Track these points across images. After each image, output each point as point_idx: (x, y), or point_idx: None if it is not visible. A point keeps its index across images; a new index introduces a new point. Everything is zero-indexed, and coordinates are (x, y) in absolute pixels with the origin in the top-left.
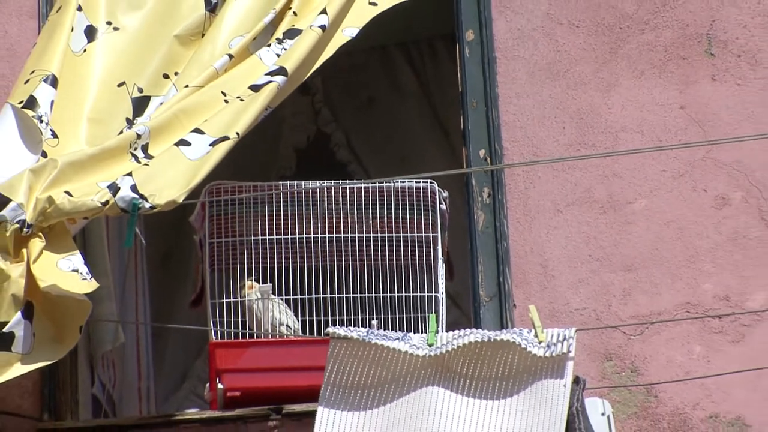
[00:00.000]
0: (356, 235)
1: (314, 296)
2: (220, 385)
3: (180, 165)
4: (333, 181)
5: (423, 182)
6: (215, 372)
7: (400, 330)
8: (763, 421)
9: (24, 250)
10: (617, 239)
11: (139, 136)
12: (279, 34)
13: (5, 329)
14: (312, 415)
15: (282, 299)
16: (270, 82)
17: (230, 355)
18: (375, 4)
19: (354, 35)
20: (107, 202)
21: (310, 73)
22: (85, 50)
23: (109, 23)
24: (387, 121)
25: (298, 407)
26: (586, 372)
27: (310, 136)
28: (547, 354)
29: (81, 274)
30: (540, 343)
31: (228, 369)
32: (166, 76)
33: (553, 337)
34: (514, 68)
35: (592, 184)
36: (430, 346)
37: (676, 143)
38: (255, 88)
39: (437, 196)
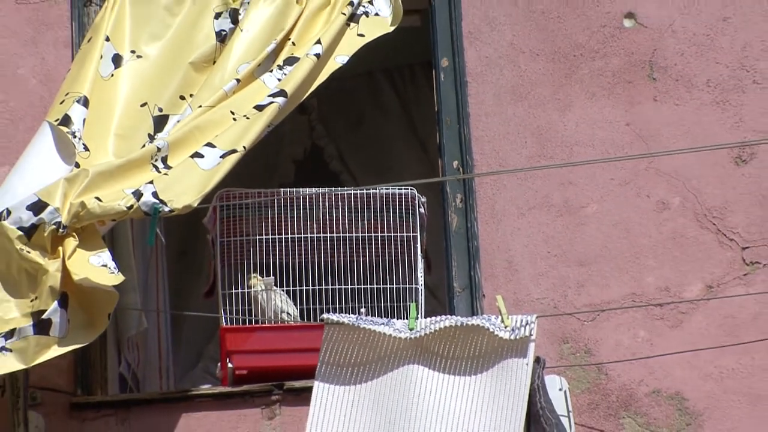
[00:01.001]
0: (346, 234)
1: (311, 288)
2: (229, 365)
3: (195, 174)
4: (326, 188)
5: (404, 189)
6: (225, 353)
7: (385, 317)
8: (698, 396)
9: (60, 248)
10: (572, 238)
11: (159, 150)
12: (280, 61)
13: (44, 316)
14: (309, 390)
15: (283, 290)
16: (272, 102)
17: (238, 339)
18: (362, 35)
19: (344, 62)
20: (132, 206)
21: (306, 94)
22: (112, 75)
23: (133, 52)
24: (373, 137)
25: (298, 383)
26: (546, 353)
27: (307, 149)
28: (512, 337)
29: (109, 268)
30: (506, 327)
31: (236, 350)
32: (182, 98)
33: (517, 322)
34: (483, 91)
35: (550, 191)
36: (410, 330)
37: (623, 155)
38: (259, 107)
39: (417, 201)
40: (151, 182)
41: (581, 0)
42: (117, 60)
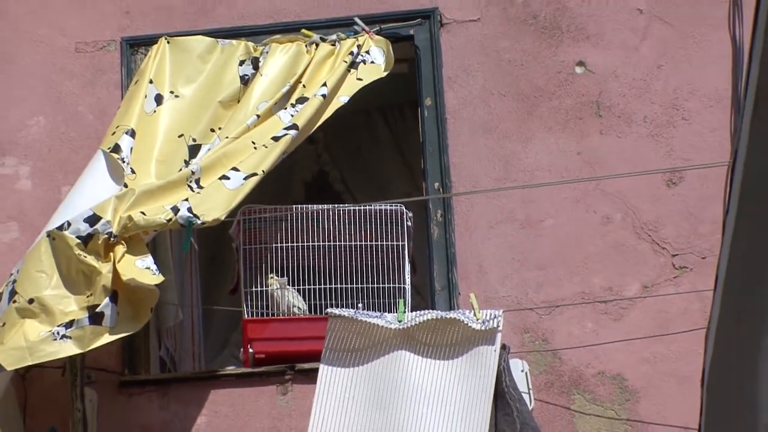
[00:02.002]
0: (347, 243)
1: (318, 287)
2: (250, 350)
3: (222, 193)
4: (330, 205)
5: (395, 206)
6: (247, 340)
7: (378, 311)
8: (636, 377)
9: (111, 253)
10: (532, 247)
11: (193, 173)
12: (292, 100)
13: (97, 310)
14: (316, 371)
15: (295, 289)
16: (286, 134)
17: (258, 328)
18: (361, 79)
19: (346, 101)
20: (170, 219)
21: (314, 128)
22: (155, 111)
23: (172, 92)
24: (369, 163)
25: (307, 365)
26: (510, 341)
27: (314, 173)
28: (482, 328)
29: (151, 270)
30: (477, 320)
31: (256, 338)
32: (212, 130)
33: (487, 315)
34: (459, 126)
35: (514, 208)
36: (399, 322)
37: (574, 178)
38: (275, 138)
39: (404, 216)
40: (187, 200)
41: (540, 51)
42: (159, 99)
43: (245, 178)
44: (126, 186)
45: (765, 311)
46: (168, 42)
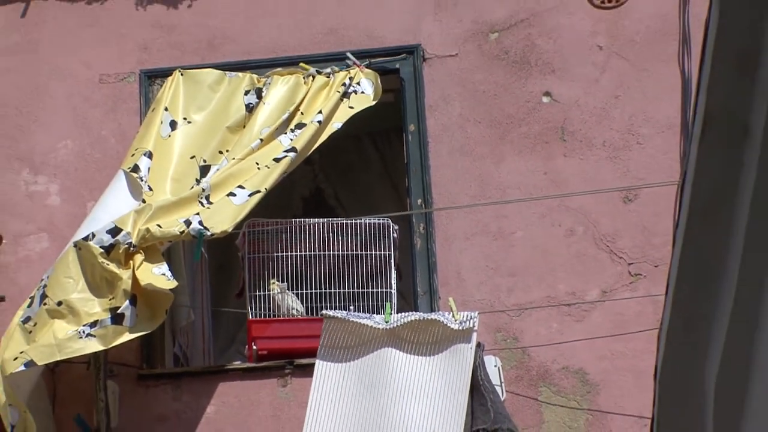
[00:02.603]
0: (340, 252)
1: (314, 291)
2: (254, 347)
3: (229, 208)
4: (325, 219)
5: (382, 220)
6: (251, 338)
7: (368, 312)
8: (596, 371)
9: (131, 261)
10: (504, 257)
11: (203, 190)
12: (292, 126)
13: (119, 311)
14: (312, 365)
15: (294, 293)
16: (286, 156)
17: (261, 328)
18: (352, 108)
19: (339, 127)
20: (183, 231)
21: (311, 150)
22: (169, 135)
23: (185, 119)
24: (360, 182)
25: (304, 361)
26: (484, 339)
27: (311, 191)
28: (460, 328)
29: (166, 276)
30: (455, 321)
31: (259, 336)
32: (220, 152)
33: (464, 317)
34: (440, 149)
35: (488, 222)
36: (386, 322)
37: (541, 195)
38: (277, 160)
39: (391, 229)
40: (198, 214)
41: (511, 82)
42: (173, 124)
43: (250, 195)
44: (144, 202)
45: (711, 313)
46: (181, 74)
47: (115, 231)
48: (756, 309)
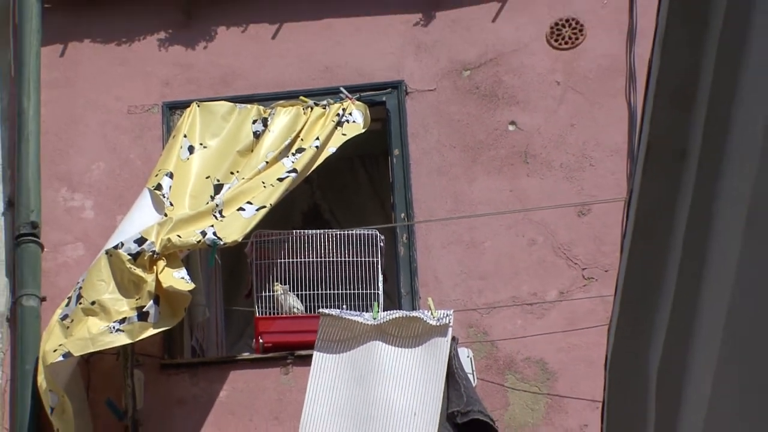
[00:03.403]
0: (334, 259)
1: (312, 292)
2: (260, 340)
3: (239, 221)
4: (322, 230)
5: (371, 231)
6: (258, 333)
7: (358, 311)
8: (554, 361)
9: (154, 267)
10: (476, 263)
11: (217, 206)
12: (293, 150)
13: (144, 309)
14: (311, 356)
15: (294, 293)
16: (288, 176)
17: (266, 324)
18: (345, 134)
19: (333, 151)
20: (200, 241)
21: (309, 171)
22: (188, 158)
23: (201, 144)
24: (352, 198)
25: (304, 352)
26: (458, 334)
27: (309, 206)
28: (438, 324)
29: (185, 279)
30: (434, 318)
31: (265, 331)
32: (232, 173)
33: (441, 314)
34: (420, 170)
35: (461, 232)
36: (374, 319)
37: (507, 210)
38: (280, 179)
39: (378, 239)
40: (212, 226)
41: (481, 113)
42: (191, 149)
43: (257, 210)
44: (166, 215)
45: (653, 312)
46: (198, 106)
47: (141, 240)
48: (692, 309)
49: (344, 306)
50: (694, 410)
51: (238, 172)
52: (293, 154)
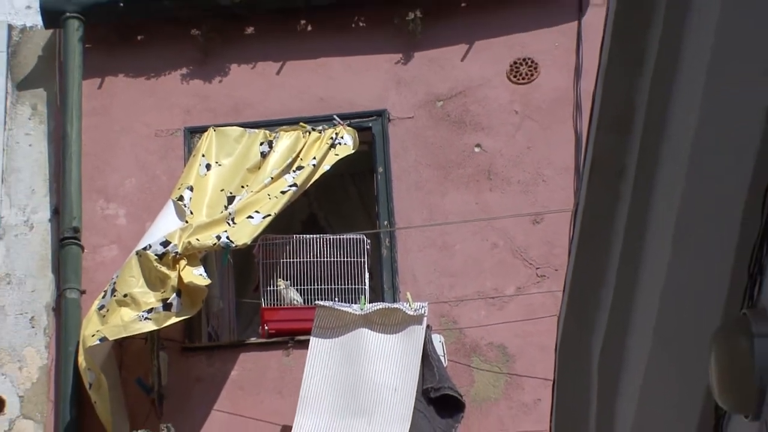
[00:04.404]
0: (328, 259)
1: (309, 287)
2: (266, 327)
3: (248, 227)
4: (318, 235)
5: (359, 236)
6: (264, 321)
7: (348, 303)
8: (513, 346)
9: (177, 265)
10: (447, 263)
11: (230, 214)
12: (294, 167)
13: (168, 301)
14: (308, 341)
15: (295, 288)
16: (290, 190)
17: (271, 314)
18: (338, 155)
19: (328, 169)
20: (215, 243)
21: (308, 185)
22: (205, 174)
23: (216, 162)
24: (343, 209)
25: (302, 337)
26: (432, 322)
27: (307, 215)
28: (414, 314)
29: (203, 276)
30: (411, 309)
31: (270, 320)
32: (242, 187)
33: (417, 306)
34: (400, 185)
35: (435, 237)
36: (362, 309)
37: (473, 219)
38: (283, 192)
39: (365, 243)
40: (225, 231)
41: (452, 137)
42: (208, 167)
43: (263, 218)
44: (187, 222)
45: (595, 305)
46: (214, 130)
47: (165, 243)
48: (628, 303)
49: (336, 299)
50: (629, 386)
51: (247, 186)
52: (294, 171)
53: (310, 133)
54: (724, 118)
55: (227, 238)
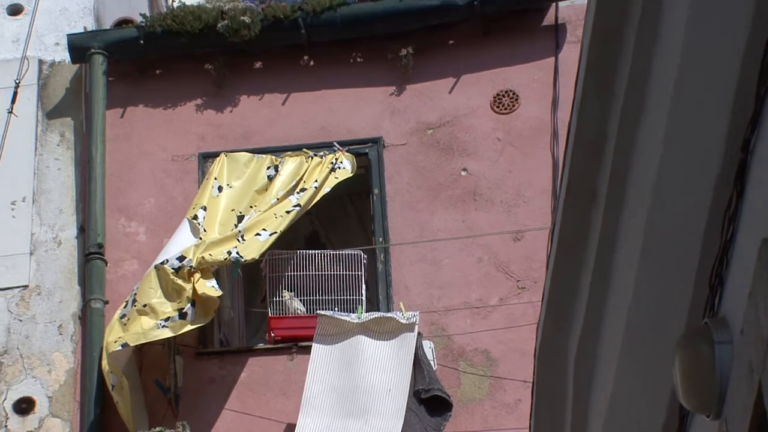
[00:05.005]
0: (328, 273)
1: (311, 298)
2: (272, 334)
3: (256, 243)
4: (319, 251)
5: (356, 252)
6: (270, 329)
7: (346, 312)
8: (496, 351)
9: (191, 278)
10: (435, 276)
11: (240, 232)
12: (297, 189)
13: (183, 311)
14: (310, 347)
15: (299, 299)
16: (294, 210)
17: (277, 322)
18: (337, 178)
19: (328, 191)
20: (226, 258)
21: (310, 206)
22: (217, 195)
23: (227, 185)
24: (342, 226)
25: (305, 343)
26: (423, 330)
27: (310, 232)
28: (407, 322)
29: (215, 287)
30: (404, 317)
31: (275, 327)
32: (251, 207)
33: (409, 315)
34: (394, 205)
35: (425, 253)
36: (359, 318)
37: (461, 236)
38: (287, 212)
39: (361, 257)
40: (236, 247)
41: (441, 162)
42: (220, 188)
43: (270, 235)
44: (200, 239)
45: (570, 315)
46: (225, 156)
47: (181, 258)
48: (601, 312)
49: (336, 308)
50: (601, 388)
51: (255, 206)
52: (298, 193)
53: (312, 158)
54: (686, 146)
55: (237, 253)
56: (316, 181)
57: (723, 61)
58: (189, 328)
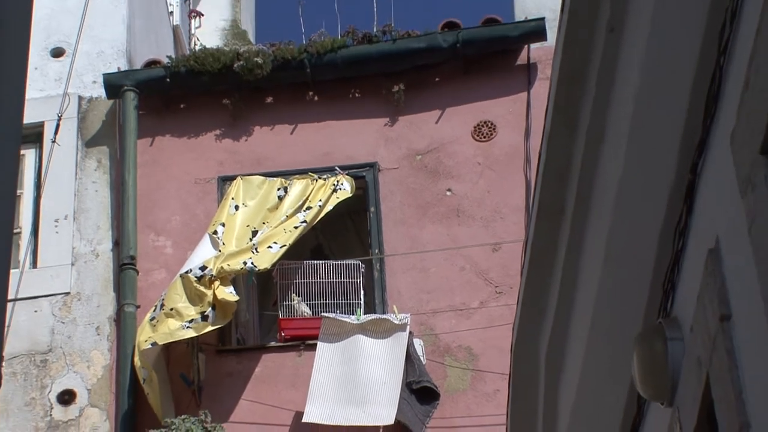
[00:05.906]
0: (331, 280)
1: (317, 302)
2: (282, 334)
3: (268, 255)
4: (323, 261)
5: (355, 262)
6: (281, 329)
7: (347, 314)
8: (478, 347)
9: (212, 285)
10: (425, 283)
11: (254, 245)
12: (304, 208)
13: (205, 314)
14: (316, 345)
15: (305, 303)
16: (301, 225)
17: (286, 323)
18: (338, 198)
19: (330, 209)
20: (242, 268)
21: (315, 222)
22: (234, 213)
23: (243, 204)
24: (343, 240)
25: (312, 342)
26: (414, 329)
27: (315, 245)
28: (400, 323)
29: (233, 293)
30: (397, 319)
31: (285, 328)
32: (264, 223)
33: (402, 316)
34: (388, 221)
35: (415, 263)
36: (358, 320)
37: (446, 248)
38: (296, 227)
39: (360, 267)
40: (251, 258)
41: (428, 183)
42: (236, 207)
43: (280, 248)
44: (220, 251)
45: (542, 317)
46: (241, 179)
47: (203, 268)
48: (568, 314)
49: (338, 311)
50: (569, 379)
51: (267, 222)
52: (304, 211)
53: (316, 180)
54: (642, 170)
55: (252, 263)
56: (320, 200)
57: (674, 95)
58: (210, 328)
